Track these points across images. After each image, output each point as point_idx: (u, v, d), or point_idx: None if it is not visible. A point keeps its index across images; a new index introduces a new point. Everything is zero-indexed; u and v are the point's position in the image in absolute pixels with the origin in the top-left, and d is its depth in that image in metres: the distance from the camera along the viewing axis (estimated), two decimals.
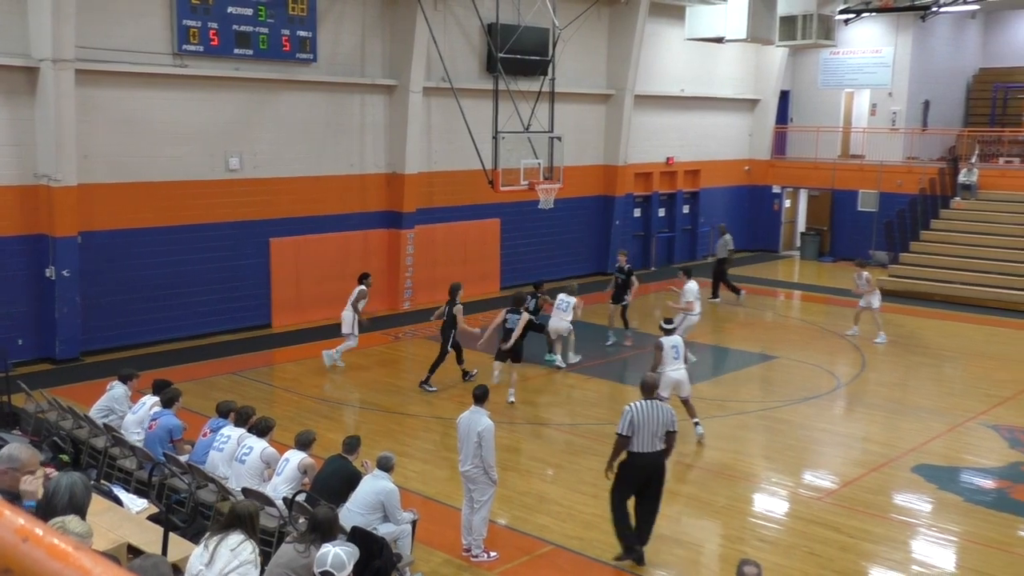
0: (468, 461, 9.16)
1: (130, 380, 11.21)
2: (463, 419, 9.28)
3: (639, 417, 9.04)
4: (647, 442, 9.07)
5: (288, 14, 18.04)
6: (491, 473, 9.18)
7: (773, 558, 9.32)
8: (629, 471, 9.17)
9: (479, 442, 9.02)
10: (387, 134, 20.40)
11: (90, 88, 15.87)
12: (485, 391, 9.51)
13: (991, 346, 18.76)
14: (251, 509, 6.65)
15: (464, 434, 9.18)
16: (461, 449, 9.26)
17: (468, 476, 9.23)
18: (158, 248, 17.14)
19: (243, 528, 6.43)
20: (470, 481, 9.25)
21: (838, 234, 29.17)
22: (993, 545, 9.81)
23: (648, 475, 9.21)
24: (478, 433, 9.02)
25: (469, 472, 9.20)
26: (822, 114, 30.75)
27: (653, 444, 9.10)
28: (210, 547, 6.34)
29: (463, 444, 9.21)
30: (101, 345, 16.33)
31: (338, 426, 12.85)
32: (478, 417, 9.13)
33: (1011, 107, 30.83)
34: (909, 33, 28.93)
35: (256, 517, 6.68)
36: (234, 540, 6.36)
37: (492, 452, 9.12)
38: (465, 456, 9.19)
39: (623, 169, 25.47)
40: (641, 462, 9.11)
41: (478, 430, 9.02)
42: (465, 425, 9.19)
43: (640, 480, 9.20)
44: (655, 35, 25.84)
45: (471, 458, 9.12)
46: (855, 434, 13.67)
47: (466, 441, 9.15)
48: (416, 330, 19.04)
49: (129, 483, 9.55)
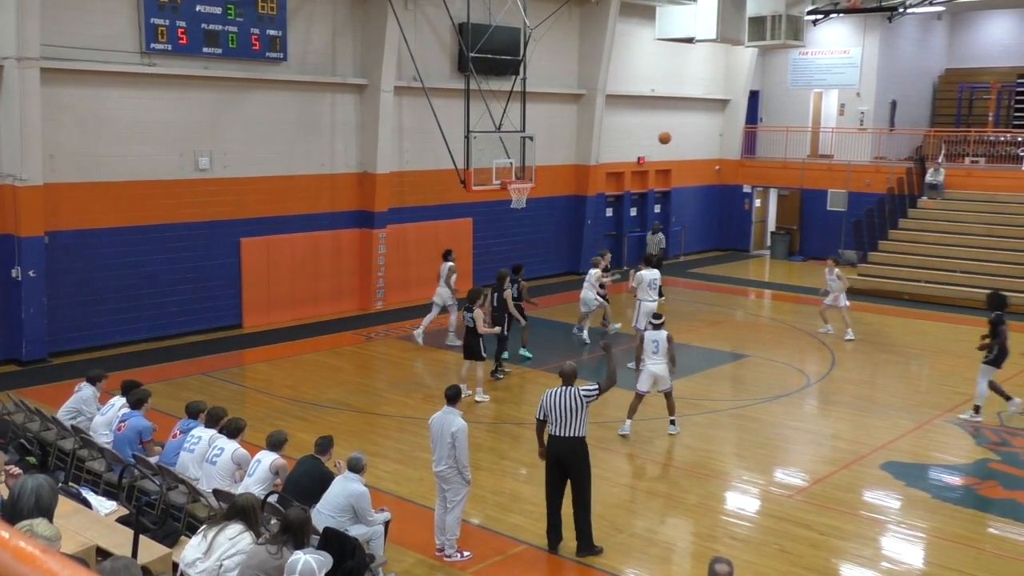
0: (442, 461, 9.15)
1: (98, 381, 11.08)
2: (435, 419, 9.26)
3: (548, 402, 9.38)
4: (561, 427, 9.31)
5: (257, 13, 17.92)
6: (465, 473, 9.17)
7: (745, 556, 9.38)
8: (549, 455, 9.50)
9: (452, 442, 9.02)
10: (358, 133, 20.32)
11: (56, 87, 15.70)
12: (457, 391, 9.52)
13: (958, 344, 18.95)
14: (253, 501, 6.74)
15: (437, 434, 9.16)
16: (434, 449, 9.24)
17: (442, 476, 9.22)
18: (126, 248, 16.97)
19: (244, 520, 6.49)
20: (444, 481, 9.24)
21: (808, 233, 29.40)
22: (960, 541, 9.92)
23: (567, 460, 9.38)
24: (452, 434, 9.01)
25: (443, 472, 9.18)
26: (791, 114, 30.98)
27: (569, 429, 9.30)
28: (208, 537, 6.40)
29: (436, 444, 9.19)
30: (68, 346, 16.16)
31: (310, 426, 12.78)
32: (451, 417, 9.12)
33: (976, 107, 31.19)
34: (876, 34, 29.21)
35: (258, 509, 6.74)
36: (233, 530, 6.44)
37: (466, 452, 9.12)
38: (439, 456, 9.17)
39: (595, 169, 25.53)
40: (556, 445, 9.38)
41: (452, 430, 9.02)
42: (438, 425, 9.18)
43: (560, 465, 9.41)
44: (626, 35, 25.92)
45: (444, 458, 9.12)
46: (825, 432, 13.78)
47: (439, 441, 9.13)
48: (389, 330, 18.99)
49: (98, 485, 9.44)
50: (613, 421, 13.17)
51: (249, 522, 6.55)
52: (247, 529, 6.48)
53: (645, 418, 13.32)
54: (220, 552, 6.32)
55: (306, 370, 16.08)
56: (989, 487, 11.44)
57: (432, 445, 9.28)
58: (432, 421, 9.31)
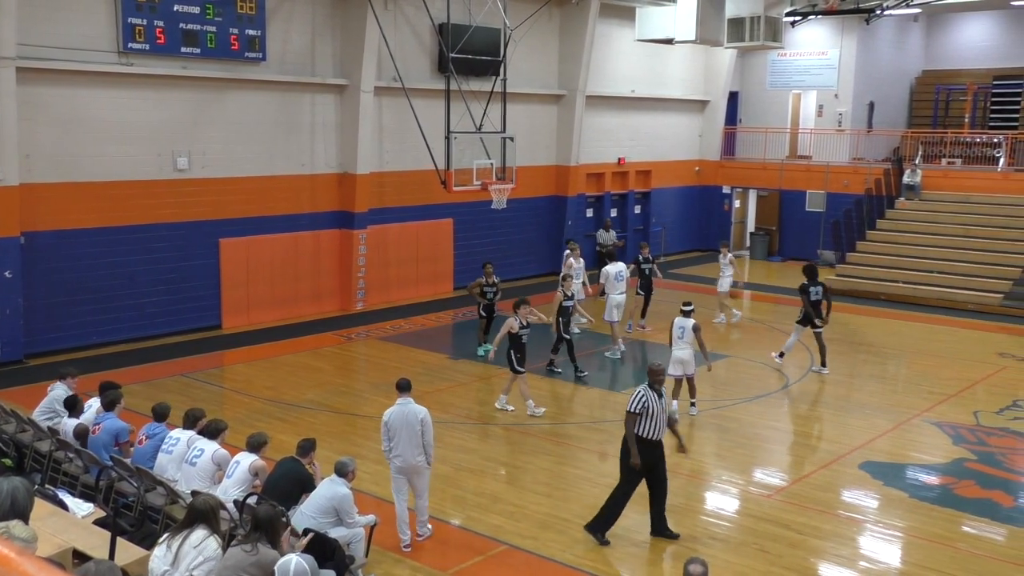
0: (415, 453, 9.20)
1: (67, 378, 11.09)
2: (395, 413, 9.27)
3: (651, 403, 9.48)
4: (658, 430, 9.58)
5: (236, 12, 17.84)
6: (431, 455, 9.35)
7: (724, 555, 9.42)
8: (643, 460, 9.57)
9: (422, 430, 9.18)
10: (338, 134, 20.27)
11: (32, 86, 15.57)
12: (408, 382, 9.55)
13: (935, 344, 19.12)
14: (211, 503, 6.61)
15: (401, 426, 9.20)
16: (396, 444, 9.25)
17: (414, 468, 9.29)
18: (104, 249, 16.86)
19: (205, 523, 6.38)
20: (415, 473, 9.33)
21: (787, 234, 29.56)
22: (937, 540, 10.00)
23: (659, 461, 9.75)
24: (421, 421, 9.18)
25: (417, 463, 9.26)
26: (770, 115, 31.14)
27: (660, 432, 9.62)
28: (173, 547, 6.29)
29: (399, 436, 9.21)
30: (45, 347, 16.03)
31: (290, 427, 12.74)
32: (412, 407, 9.26)
33: (953, 109, 31.45)
34: (854, 35, 29.41)
35: (217, 510, 6.63)
36: (197, 537, 6.32)
37: (432, 434, 9.34)
38: (405, 448, 9.20)
39: (575, 169, 25.57)
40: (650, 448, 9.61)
41: (420, 418, 9.19)
42: (400, 418, 9.22)
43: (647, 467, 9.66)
44: (606, 36, 25.98)
45: (415, 448, 9.19)
46: (803, 432, 13.86)
47: (405, 432, 9.18)
48: (369, 331, 18.95)
49: (75, 487, 9.37)
50: (590, 422, 13.19)
51: (210, 525, 6.46)
52: (210, 533, 6.39)
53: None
54: (187, 562, 6.21)
55: (286, 371, 16.02)
56: (966, 486, 11.53)
57: (392, 441, 9.27)
58: (391, 417, 9.28)
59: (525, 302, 14.23)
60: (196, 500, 6.75)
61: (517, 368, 13.78)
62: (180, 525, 6.55)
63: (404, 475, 9.34)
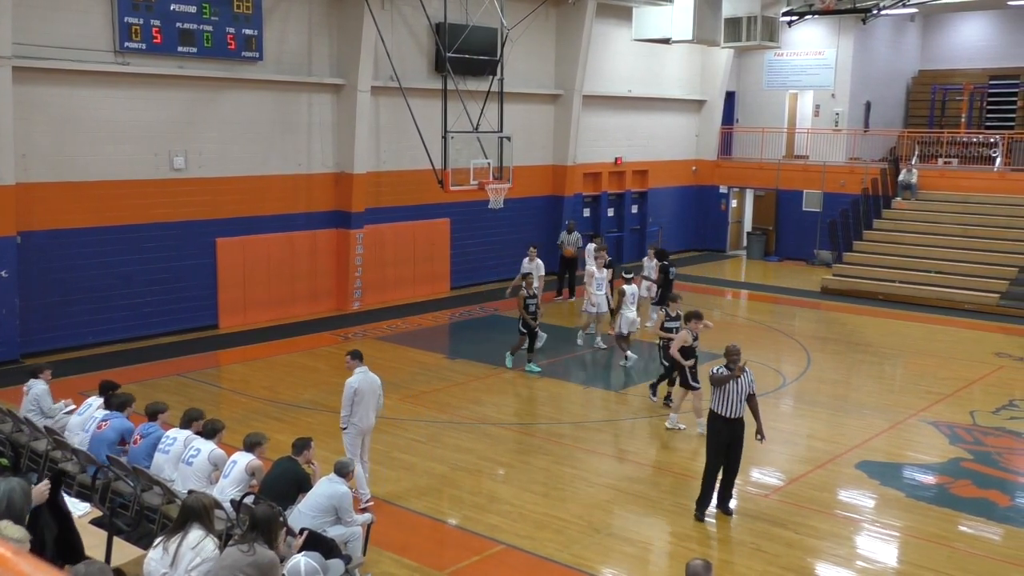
0: (371, 415, 10.41)
1: (40, 373, 11.27)
2: (361, 381, 10.34)
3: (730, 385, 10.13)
4: (736, 409, 10.20)
5: (233, 12, 17.82)
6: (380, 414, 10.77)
7: (721, 555, 9.43)
8: (720, 435, 10.29)
9: (380, 393, 10.52)
10: (335, 133, 20.25)
11: (28, 86, 15.55)
12: (359, 351, 10.73)
13: (931, 344, 19.14)
14: (204, 501, 6.57)
15: (369, 391, 10.35)
16: (356, 410, 10.27)
17: (369, 427, 10.45)
18: (100, 248, 16.83)
19: (199, 522, 6.36)
20: (367, 432, 10.46)
21: (783, 234, 29.58)
22: (934, 540, 10.01)
23: (738, 439, 10.36)
24: (379, 386, 10.49)
25: (372, 423, 10.49)
26: (767, 115, 31.15)
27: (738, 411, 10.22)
28: (170, 549, 6.26)
29: (364, 401, 10.29)
30: (41, 347, 15.99)
31: (287, 427, 12.72)
32: (371, 375, 10.44)
33: (949, 108, 31.48)
34: (851, 35, 29.43)
35: (210, 509, 6.60)
36: (194, 537, 6.29)
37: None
38: (367, 411, 10.34)
39: (572, 169, 25.57)
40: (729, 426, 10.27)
41: (378, 383, 10.49)
42: (368, 385, 10.38)
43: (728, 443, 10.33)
44: (603, 36, 25.97)
45: (372, 411, 10.42)
46: (800, 431, 13.86)
47: (369, 398, 10.35)
48: (366, 331, 18.94)
49: (71, 487, 9.35)
50: (589, 421, 13.18)
51: (204, 523, 6.43)
52: (206, 533, 6.37)
53: (624, 418, 13.34)
54: (185, 564, 6.19)
55: (283, 371, 16.01)
56: (962, 486, 11.54)
57: (354, 406, 10.26)
58: (359, 384, 10.31)
59: (697, 315, 13.29)
60: (189, 498, 6.71)
61: (692, 384, 13.19)
62: (174, 526, 6.52)
63: (361, 435, 10.38)
